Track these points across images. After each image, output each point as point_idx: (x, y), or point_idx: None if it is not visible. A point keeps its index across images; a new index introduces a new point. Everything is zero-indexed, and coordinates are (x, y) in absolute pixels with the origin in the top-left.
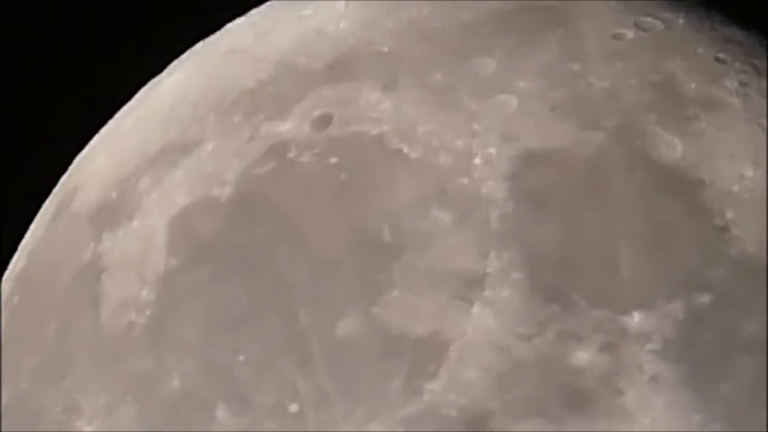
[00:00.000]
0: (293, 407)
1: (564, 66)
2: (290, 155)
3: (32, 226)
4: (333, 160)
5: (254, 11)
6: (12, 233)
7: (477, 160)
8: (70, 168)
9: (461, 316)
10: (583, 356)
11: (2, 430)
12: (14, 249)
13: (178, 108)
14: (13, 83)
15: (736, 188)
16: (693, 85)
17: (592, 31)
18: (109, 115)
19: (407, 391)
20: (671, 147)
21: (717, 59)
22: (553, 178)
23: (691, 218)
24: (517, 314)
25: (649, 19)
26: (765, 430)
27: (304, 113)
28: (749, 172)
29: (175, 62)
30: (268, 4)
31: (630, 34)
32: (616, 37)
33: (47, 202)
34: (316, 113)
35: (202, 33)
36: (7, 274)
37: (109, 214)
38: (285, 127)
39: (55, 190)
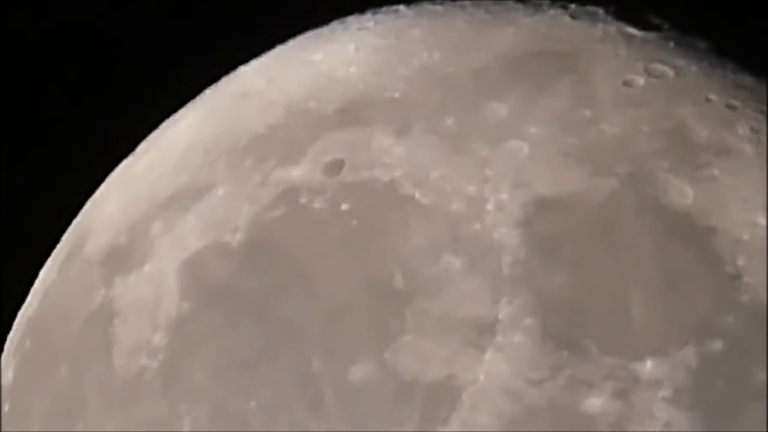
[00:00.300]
0: None
1: (575, 112)
2: (302, 200)
3: (44, 270)
4: (345, 205)
5: (265, 55)
6: (24, 277)
7: (489, 206)
8: (82, 211)
9: (473, 362)
10: (595, 403)
11: None
12: (26, 293)
13: (189, 152)
14: (27, 126)
15: (747, 235)
16: (705, 132)
17: (603, 77)
18: (121, 158)
19: None
20: (683, 194)
21: (729, 106)
22: (565, 225)
23: (702, 265)
24: (529, 360)
25: (660, 65)
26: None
27: (316, 158)
28: (761, 219)
29: (187, 106)
30: (279, 48)
31: (641, 80)
32: (627, 83)
33: (59, 246)
34: (328, 158)
35: (213, 76)
36: (18, 318)
37: (121, 258)
38: (296, 173)
39: (67, 233)
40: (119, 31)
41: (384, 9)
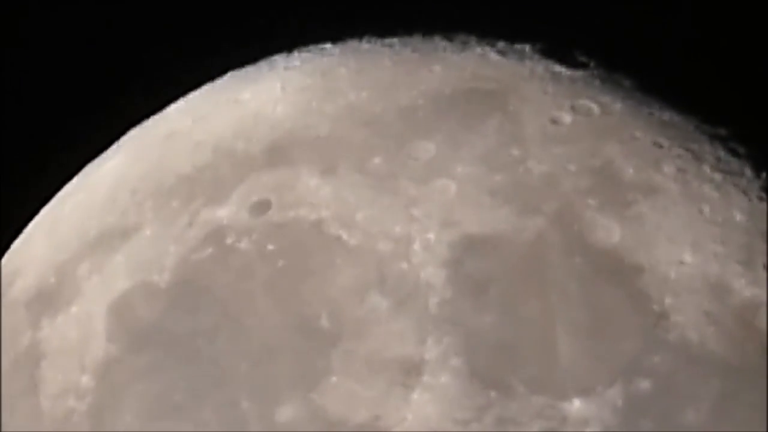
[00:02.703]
0: None
1: (503, 151)
2: (228, 241)
3: None
4: (271, 246)
5: (192, 95)
6: None
7: (416, 246)
8: (8, 252)
9: (400, 403)
10: None
11: None
12: None
13: (116, 193)
14: None
15: (674, 274)
16: (631, 170)
17: (531, 115)
18: (48, 198)
19: None
20: (610, 232)
21: (655, 144)
22: (493, 264)
23: (629, 304)
24: (456, 400)
25: (586, 103)
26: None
27: (242, 199)
28: (688, 257)
29: (114, 146)
30: (205, 87)
31: (568, 118)
32: (554, 121)
33: None
34: (254, 199)
35: (140, 116)
36: None
37: (48, 299)
38: (223, 213)
39: None
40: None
41: (310, 47)
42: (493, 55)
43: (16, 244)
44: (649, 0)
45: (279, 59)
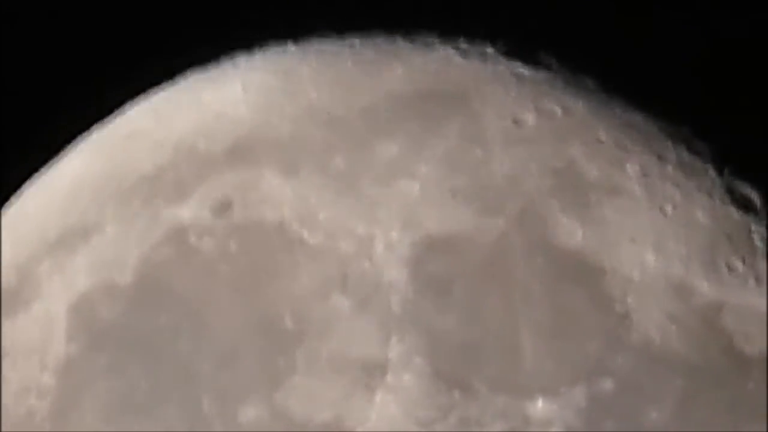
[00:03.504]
0: None
1: (466, 151)
2: (191, 241)
3: None
4: (234, 246)
5: (154, 95)
6: None
7: (378, 246)
8: None
9: (363, 403)
10: None
11: None
12: None
13: (77, 193)
14: None
15: (637, 275)
16: (594, 171)
17: (493, 116)
18: (8, 198)
19: None
20: (572, 233)
21: (618, 145)
22: (455, 264)
23: (592, 305)
24: (419, 400)
25: (549, 104)
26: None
27: (204, 198)
28: (651, 258)
29: (76, 146)
30: (167, 87)
31: (530, 119)
32: (516, 122)
33: None
34: (216, 198)
35: (101, 116)
36: None
37: (9, 299)
38: (185, 213)
39: None
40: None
41: (272, 47)
42: (455, 56)
43: None
44: (612, 2)
45: (241, 59)
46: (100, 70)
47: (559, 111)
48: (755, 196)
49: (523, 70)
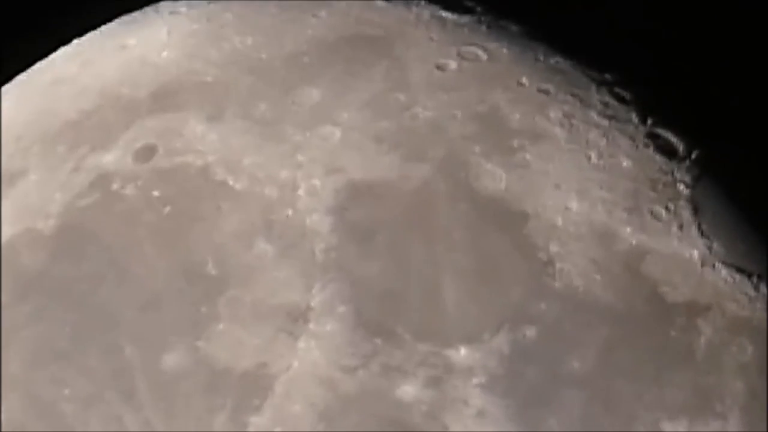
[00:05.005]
0: None
1: (389, 97)
2: (114, 187)
3: None
4: (157, 192)
5: (78, 41)
6: None
7: (301, 192)
8: None
9: (286, 350)
10: (408, 390)
11: None
12: None
13: (2, 138)
14: None
15: (560, 221)
16: (518, 117)
17: (416, 61)
18: None
19: (233, 425)
20: (496, 179)
21: (541, 90)
22: (378, 211)
23: (515, 251)
24: (342, 348)
25: (472, 49)
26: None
27: (128, 144)
28: (574, 204)
29: (1, 92)
30: (91, 33)
31: (453, 64)
32: (439, 67)
33: None
34: (140, 144)
35: (26, 63)
36: None
37: None
38: (109, 159)
39: None
40: None
41: None
42: (378, 1)
43: None
44: None
45: (165, 5)
46: (26, 18)
47: (482, 56)
48: (679, 143)
49: (447, 14)
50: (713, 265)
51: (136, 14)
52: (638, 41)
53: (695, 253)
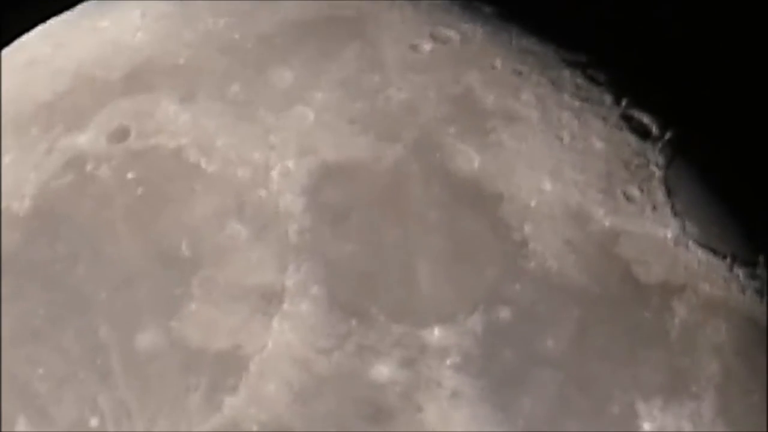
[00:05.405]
0: (94, 421)
1: (362, 78)
2: (88, 168)
3: None
4: (131, 174)
5: (51, 22)
6: None
7: (274, 174)
8: None
9: (261, 331)
10: (383, 371)
11: None
12: None
13: None
14: None
15: (534, 202)
16: (491, 98)
17: (390, 42)
18: None
19: (208, 405)
20: (470, 160)
21: (515, 71)
22: (352, 192)
23: (489, 232)
24: (317, 328)
25: (445, 30)
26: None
27: (101, 126)
28: (548, 185)
29: None
30: (65, 14)
31: (427, 45)
32: (413, 48)
33: None
34: (114, 126)
35: (1, 44)
36: None
37: None
38: (82, 140)
39: None
40: None
41: None
42: None
43: None
44: None
45: None
46: None
47: (456, 37)
48: (653, 124)
49: None
50: (687, 246)
51: None
52: (612, 23)
53: (669, 234)
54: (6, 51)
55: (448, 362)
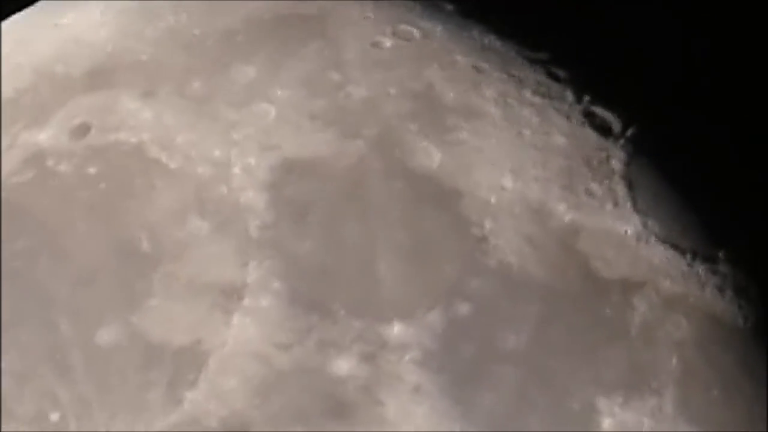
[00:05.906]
0: (54, 416)
1: (323, 75)
2: (49, 164)
3: None
4: (92, 169)
5: (12, 18)
6: None
7: (236, 170)
8: None
9: (221, 326)
10: (343, 366)
11: None
12: None
13: None
14: None
15: (494, 198)
16: (452, 95)
17: (351, 39)
18: None
19: (168, 400)
20: (430, 157)
21: (475, 68)
22: (313, 188)
23: (450, 228)
24: (277, 324)
25: (407, 27)
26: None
27: (62, 122)
28: (508, 182)
29: None
30: (25, 11)
31: (388, 42)
32: (374, 45)
33: None
34: (75, 122)
35: None
36: None
37: None
38: (43, 136)
39: None
40: None
41: None
42: None
43: None
44: None
45: None
46: None
47: (417, 34)
48: (614, 120)
49: None
50: (648, 242)
51: None
52: (574, 20)
53: (630, 230)
54: None
55: (408, 357)
